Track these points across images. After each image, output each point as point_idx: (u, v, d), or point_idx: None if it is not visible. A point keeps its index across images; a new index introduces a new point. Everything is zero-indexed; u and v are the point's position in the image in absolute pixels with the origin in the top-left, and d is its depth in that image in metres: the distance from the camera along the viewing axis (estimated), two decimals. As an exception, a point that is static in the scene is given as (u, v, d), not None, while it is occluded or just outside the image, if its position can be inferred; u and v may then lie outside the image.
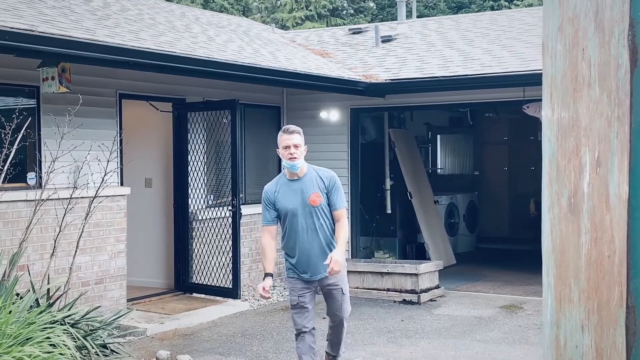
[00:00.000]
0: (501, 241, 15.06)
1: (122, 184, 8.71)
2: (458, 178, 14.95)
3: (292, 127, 5.23)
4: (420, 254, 12.24)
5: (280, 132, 5.25)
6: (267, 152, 11.24)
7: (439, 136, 14.87)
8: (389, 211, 12.10)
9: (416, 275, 9.40)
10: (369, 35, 12.45)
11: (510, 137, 15.73)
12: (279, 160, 11.55)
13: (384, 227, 12.15)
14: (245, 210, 10.10)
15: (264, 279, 5.21)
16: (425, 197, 12.31)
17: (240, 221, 9.69)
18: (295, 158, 5.11)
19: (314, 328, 5.47)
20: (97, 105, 8.38)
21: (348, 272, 9.95)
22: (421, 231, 12.24)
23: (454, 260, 12.30)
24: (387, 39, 12.04)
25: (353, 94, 10.07)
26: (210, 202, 9.68)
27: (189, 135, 9.43)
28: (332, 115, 10.96)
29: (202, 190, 9.44)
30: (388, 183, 12.08)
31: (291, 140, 5.14)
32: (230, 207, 8.99)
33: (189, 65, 7.50)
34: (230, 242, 9.03)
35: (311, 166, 5.34)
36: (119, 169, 8.68)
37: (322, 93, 10.74)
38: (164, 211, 9.82)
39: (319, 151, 10.46)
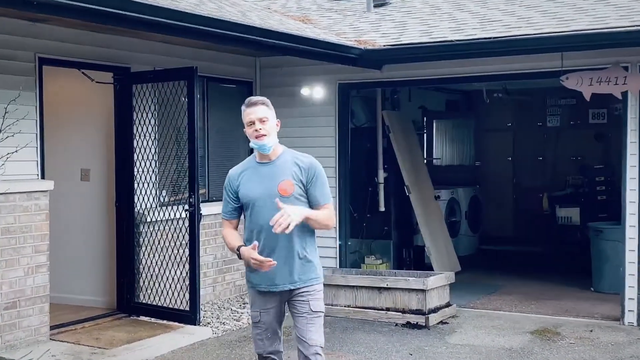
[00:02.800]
0: (505, 242, 13.19)
1: (43, 177, 6.65)
2: (457, 170, 13.04)
3: (255, 97, 4.20)
4: (419, 259, 10.33)
5: (242, 107, 4.17)
6: (237, 137, 9.18)
7: (435, 122, 12.95)
8: (382, 209, 10.15)
9: (423, 291, 7.45)
10: (357, 0, 10.45)
11: (514, 123, 13.84)
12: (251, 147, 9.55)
13: (376, 227, 10.20)
14: (208, 209, 8.08)
15: (238, 252, 4.09)
16: (424, 192, 10.37)
17: (201, 223, 7.68)
18: (262, 135, 4.05)
19: (280, 352, 4.33)
20: (7, 72, 6.31)
21: (336, 286, 8.03)
22: (420, 232, 10.31)
23: (459, 266, 10.38)
24: (380, 3, 10.05)
25: (343, 63, 8.06)
26: (163, 200, 7.64)
27: (135, 114, 7.38)
28: (316, 92, 8.96)
29: (152, 185, 7.40)
30: (381, 175, 10.12)
31: (255, 114, 4.08)
32: (186, 207, 6.95)
33: (126, 12, 5.43)
34: (187, 251, 7.00)
35: (288, 149, 4.24)
36: (38, 157, 6.62)
37: (303, 64, 8.73)
38: (105, 211, 7.76)
39: (300, 136, 8.53)
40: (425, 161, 11.28)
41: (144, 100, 7.32)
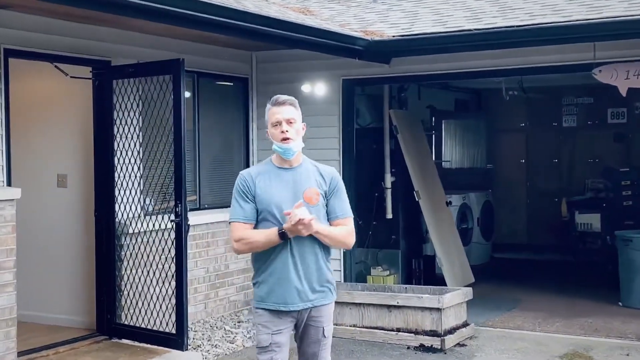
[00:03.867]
0: (518, 249, 12.43)
1: (9, 184, 5.87)
2: (468, 173, 12.23)
3: (284, 96, 3.82)
4: (429, 270, 9.55)
5: (267, 105, 3.82)
6: (231, 138, 8.44)
7: (444, 122, 12.14)
8: (390, 216, 9.36)
9: (439, 310, 6.67)
10: (362, -9, 9.68)
11: (528, 123, 13.05)
12: (247, 149, 8.82)
13: (383, 236, 9.42)
14: (200, 217, 7.33)
15: (282, 231, 3.68)
16: (435, 198, 9.58)
17: (192, 234, 6.91)
18: (288, 139, 3.71)
19: None
20: (-35, 65, 5.55)
21: (341, 303, 7.26)
22: (430, 241, 9.56)
23: (472, 277, 9.59)
24: (387, -7, 9.27)
25: (348, 56, 7.29)
26: (148, 208, 6.85)
27: (115, 113, 6.60)
28: (318, 89, 8.18)
29: (135, 192, 6.62)
30: (389, 180, 9.33)
31: (282, 114, 3.73)
32: (172, 217, 6.16)
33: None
34: (173, 267, 6.22)
35: (307, 158, 3.89)
36: (4, 161, 5.85)
37: (303, 59, 7.98)
38: (83, 221, 6.98)
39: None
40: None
41: (125, 97, 6.54)
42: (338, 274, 8.16)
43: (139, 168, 6.67)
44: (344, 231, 3.77)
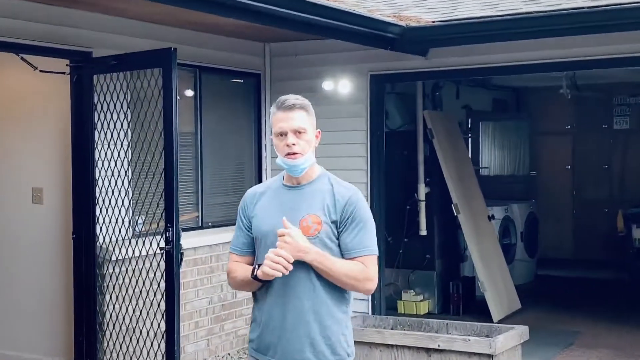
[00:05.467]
0: (563, 265, 11.13)
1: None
2: (509, 181, 11.02)
3: (293, 98, 2.93)
4: (468, 293, 8.32)
5: (272, 108, 3.00)
6: (240, 144, 7.25)
7: (481, 124, 10.94)
8: (424, 232, 8.18)
9: (490, 357, 5.42)
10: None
11: (575, 125, 11.75)
12: (259, 157, 7.58)
13: (416, 255, 8.28)
14: (201, 239, 6.25)
15: (255, 275, 2.83)
16: (476, 212, 8.36)
17: (193, 258, 5.79)
18: (295, 154, 2.87)
19: None
20: None
21: (369, 344, 6.08)
22: (468, 259, 8.42)
23: (518, 303, 8.37)
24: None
25: (379, 46, 6.11)
26: (138, 228, 5.69)
27: (97, 114, 5.45)
28: (341, 86, 6.99)
29: (121, 210, 5.45)
30: (422, 191, 8.16)
31: (289, 122, 2.88)
32: (163, 242, 4.99)
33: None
34: (164, 301, 5.06)
35: (327, 172, 3.02)
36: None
37: (325, 51, 6.83)
38: (62, 244, 5.84)
39: (322, 143, 6.53)
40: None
41: (108, 95, 5.39)
42: (365, 303, 6.96)
43: (126, 181, 5.51)
44: (358, 269, 2.83)
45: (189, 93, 6.66)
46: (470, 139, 10.30)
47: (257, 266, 2.83)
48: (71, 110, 5.59)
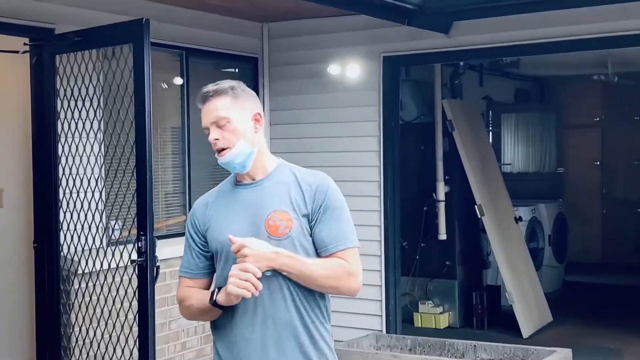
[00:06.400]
0: (592, 270, 10.21)
1: None
2: (533, 178, 10.14)
3: (209, 87, 2.51)
4: (493, 305, 7.45)
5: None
6: (235, 138, 6.37)
7: (503, 116, 10.06)
8: (443, 236, 7.32)
9: (529, 388, 4.55)
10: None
11: (604, 117, 10.82)
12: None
13: (434, 261, 7.45)
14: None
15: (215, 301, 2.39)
16: (501, 213, 7.48)
17: (170, 271, 4.91)
18: (222, 150, 2.48)
19: None
20: None
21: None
22: (491, 265, 7.63)
23: (550, 315, 7.47)
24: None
25: (394, 20, 5.24)
26: (113, 236, 4.81)
27: (59, 102, 4.60)
28: (350, 70, 6.11)
29: (89, 214, 4.59)
30: (441, 190, 7.30)
31: (207, 115, 2.50)
32: (135, 254, 4.13)
33: None
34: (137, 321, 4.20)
35: (286, 163, 2.58)
36: None
37: (331, 30, 5.96)
38: (25, 254, 4.99)
39: (326, 136, 5.93)
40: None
41: (72, 79, 4.53)
42: (378, 316, 6.10)
43: (97, 180, 4.65)
44: (338, 267, 2.43)
45: (179, 81, 5.82)
46: (491, 133, 9.45)
47: (216, 290, 2.41)
48: (31, 97, 4.74)
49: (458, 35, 5.61)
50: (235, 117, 2.47)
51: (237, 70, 6.44)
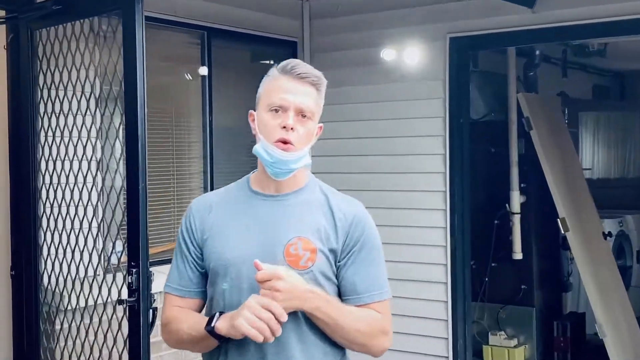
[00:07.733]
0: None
1: None
2: (618, 185, 8.95)
3: (305, 66, 2.14)
4: (577, 335, 6.29)
5: (271, 71, 2.18)
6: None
7: (581, 115, 8.90)
8: (518, 255, 6.19)
9: None
10: None
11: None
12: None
13: (507, 284, 6.39)
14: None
15: (212, 328, 2.00)
16: (588, 228, 6.31)
17: (156, 315, 3.85)
18: (288, 144, 2.09)
19: None
20: None
21: None
22: (572, 288, 6.68)
23: (645, 347, 6.28)
24: None
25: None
26: (108, 263, 3.79)
27: (39, 89, 3.64)
28: (408, 55, 5.03)
29: (86, 235, 3.60)
30: (517, 201, 6.19)
31: (297, 96, 2.10)
32: (125, 292, 3.12)
33: None
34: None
35: (316, 179, 2.25)
36: None
37: (384, 8, 4.90)
38: (3, 281, 4.03)
39: (377, 136, 4.99)
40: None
41: (52, 59, 3.55)
42: (446, 351, 5.03)
43: (90, 187, 3.66)
44: (373, 322, 2.07)
45: (204, 71, 4.83)
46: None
47: (217, 314, 2.03)
48: (8, 87, 3.79)
49: (546, 9, 4.47)
50: (316, 119, 2.14)
51: (271, 60, 5.42)
